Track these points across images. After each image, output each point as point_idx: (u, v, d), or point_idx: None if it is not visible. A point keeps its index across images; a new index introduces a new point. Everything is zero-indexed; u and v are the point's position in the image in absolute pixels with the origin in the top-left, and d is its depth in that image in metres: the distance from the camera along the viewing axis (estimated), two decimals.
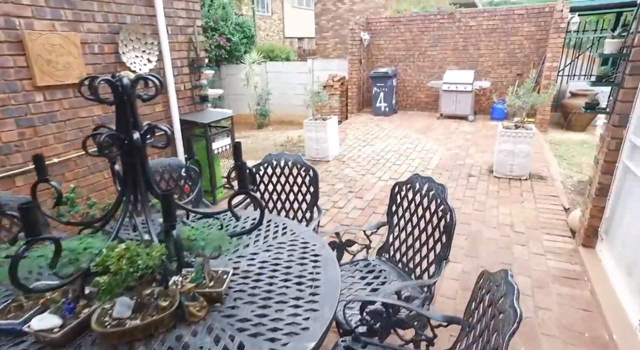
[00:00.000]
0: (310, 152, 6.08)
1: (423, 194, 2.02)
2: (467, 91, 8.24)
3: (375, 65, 9.91)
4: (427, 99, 9.59)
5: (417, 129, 7.92)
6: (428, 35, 9.11)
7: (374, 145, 6.77)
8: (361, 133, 7.72)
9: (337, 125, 6.23)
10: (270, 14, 20.51)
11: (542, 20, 7.94)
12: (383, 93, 9.09)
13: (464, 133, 7.44)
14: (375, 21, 9.59)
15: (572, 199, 4.47)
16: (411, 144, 6.80)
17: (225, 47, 11.18)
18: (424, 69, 9.41)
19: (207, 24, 10.90)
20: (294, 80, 11.19)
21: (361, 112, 9.87)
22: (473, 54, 8.79)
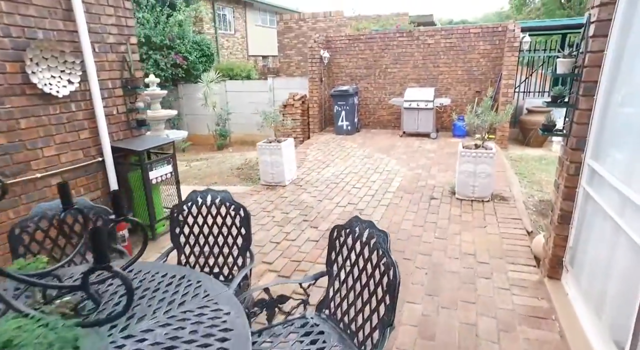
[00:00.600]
0: (265, 177, 5.70)
1: (364, 241, 1.69)
2: (428, 108, 8.18)
3: (336, 83, 9.76)
4: (390, 116, 9.49)
5: (379, 147, 7.73)
6: (388, 53, 9.07)
7: (334, 167, 6.48)
8: (322, 154, 7.44)
9: (294, 148, 5.90)
10: (233, 32, 20.28)
11: (496, 39, 8.06)
12: (345, 111, 8.90)
13: (426, 151, 7.30)
14: (335, 39, 9.49)
15: (534, 221, 4.31)
16: (373, 164, 6.56)
17: (182, 65, 10.74)
18: (385, 86, 9.34)
19: (163, 42, 10.48)
20: (255, 99, 10.87)
21: (323, 131, 9.63)
22: (433, 72, 8.79)
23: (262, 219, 4.48)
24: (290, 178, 5.76)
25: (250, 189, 5.63)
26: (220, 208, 2.33)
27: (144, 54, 10.23)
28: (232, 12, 20.05)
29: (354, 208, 4.66)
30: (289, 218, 4.47)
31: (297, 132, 9.72)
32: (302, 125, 9.68)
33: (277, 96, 10.53)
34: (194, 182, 6.64)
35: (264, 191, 5.48)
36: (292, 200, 5.04)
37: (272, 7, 22.35)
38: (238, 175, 6.87)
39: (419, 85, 8.96)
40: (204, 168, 7.81)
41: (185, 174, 7.41)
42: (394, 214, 4.43)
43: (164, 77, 10.45)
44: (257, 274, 3.28)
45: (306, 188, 5.50)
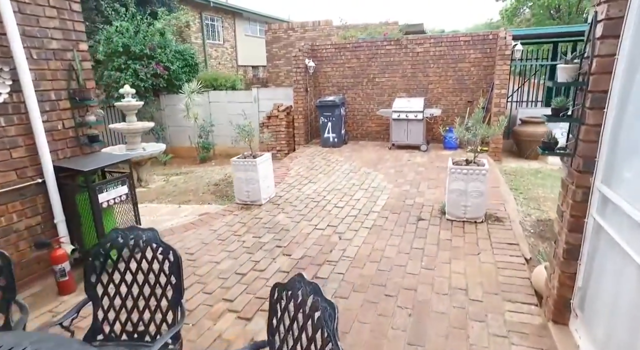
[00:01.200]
0: (240, 195, 5.23)
1: (307, 312, 1.23)
2: (417, 119, 7.80)
3: (322, 93, 9.38)
4: (378, 128, 9.10)
5: (366, 161, 7.31)
6: (376, 61, 8.72)
7: (317, 183, 6.03)
8: (305, 168, 6.99)
9: (272, 163, 5.45)
10: (222, 42, 19.96)
11: (487, 47, 7.74)
12: (331, 123, 8.49)
13: (416, 165, 6.88)
14: (321, 47, 9.13)
15: (532, 245, 3.87)
16: (358, 179, 6.13)
17: (163, 75, 10.32)
18: (373, 96, 8.97)
19: (143, 52, 10.06)
20: (239, 111, 10.43)
21: (309, 144, 9.20)
22: (422, 81, 8.44)
23: (231, 245, 4.01)
24: (267, 196, 5.30)
25: (223, 209, 5.15)
26: (145, 251, 1.85)
27: (122, 64, 9.81)
28: (221, 22, 19.76)
29: (334, 231, 4.20)
30: (261, 243, 4.00)
31: (282, 144, 9.29)
32: (287, 137, 9.25)
33: (262, 107, 10.12)
34: (167, 200, 6.16)
35: (238, 211, 5.01)
36: (266, 222, 4.57)
37: (262, 17, 22.12)
38: (214, 192, 6.39)
39: (408, 95, 8.60)
40: (181, 184, 7.32)
41: (160, 191, 6.92)
42: (377, 238, 3.97)
43: (143, 87, 10.02)
44: (214, 315, 2.80)
45: (284, 207, 5.03)
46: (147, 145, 8.48)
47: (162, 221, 5.02)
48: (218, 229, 4.47)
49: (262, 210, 4.96)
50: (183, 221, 4.89)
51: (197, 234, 4.38)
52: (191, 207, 5.54)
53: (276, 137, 9.28)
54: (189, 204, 5.83)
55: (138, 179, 8.07)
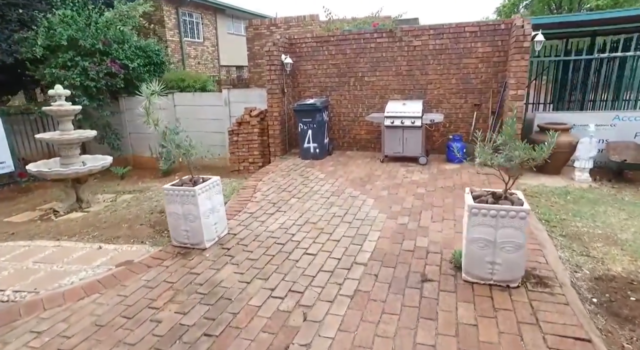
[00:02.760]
0: (177, 235, 3.81)
1: None
2: (415, 126, 6.43)
3: (302, 95, 7.98)
4: (369, 136, 7.73)
5: (353, 178, 5.91)
6: (365, 57, 7.35)
7: (287, 212, 4.62)
8: (276, 189, 5.58)
9: (220, 190, 4.02)
10: (202, 40, 18.51)
11: (498, 39, 6.40)
12: (312, 130, 7.10)
13: (414, 185, 5.50)
14: (300, 41, 7.74)
15: (605, 332, 2.49)
16: (341, 207, 4.73)
17: (119, 74, 8.84)
18: (362, 99, 7.60)
19: (95, 47, 8.58)
20: (211, 115, 9.03)
21: (287, 155, 7.79)
22: (420, 80, 7.08)
23: (137, 329, 2.59)
24: (214, 236, 3.87)
25: (152, 255, 3.72)
26: None
27: (68, 60, 8.33)
28: (201, 19, 18.31)
29: (297, 303, 2.79)
30: (181, 328, 2.58)
31: (255, 155, 7.88)
32: (260, 147, 7.84)
33: (235, 111, 8.70)
34: (92, 235, 4.70)
35: (171, 260, 3.58)
36: (203, 282, 3.15)
37: (246, 13, 20.69)
38: (156, 223, 4.94)
39: (403, 97, 7.24)
40: (121, 209, 5.86)
41: (91, 220, 5.47)
42: (360, 318, 2.57)
43: (95, 88, 8.54)
44: None
45: (234, 254, 3.61)
46: (89, 159, 7.01)
47: (63, 275, 3.57)
48: (131, 295, 3.04)
49: (203, 259, 3.54)
50: (90, 277, 3.45)
51: (96, 304, 2.95)
52: (114, 249, 4.10)
53: (248, 147, 7.87)
54: (116, 242, 4.39)
55: (77, 200, 6.61)
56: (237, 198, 5.30)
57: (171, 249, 3.82)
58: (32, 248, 4.39)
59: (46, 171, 6.07)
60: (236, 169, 8.12)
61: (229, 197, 5.70)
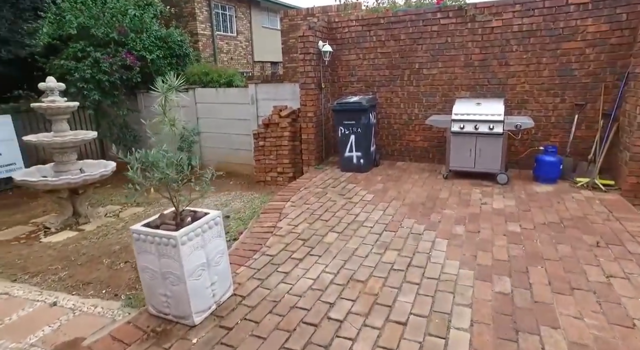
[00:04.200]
0: (154, 301, 2.50)
1: None
2: (493, 133, 4.83)
3: (343, 92, 6.54)
4: (426, 143, 6.17)
5: (411, 203, 4.40)
6: (424, 44, 5.80)
7: (323, 258, 3.20)
8: (308, 215, 4.17)
9: (221, 232, 2.65)
10: (235, 34, 17.51)
11: (622, 12, 4.63)
12: (355, 136, 5.64)
13: (499, 216, 3.92)
14: (342, 24, 6.29)
15: None
16: (401, 252, 3.25)
17: (135, 67, 7.79)
18: (418, 96, 6.04)
19: (109, 36, 7.58)
20: (236, 114, 7.79)
21: (324, 165, 6.38)
22: (498, 73, 5.44)
23: None
24: (209, 304, 2.52)
25: (112, 334, 2.42)
26: None
27: (79, 51, 7.37)
28: (234, 12, 17.31)
29: None
30: None
31: (284, 164, 6.53)
32: (291, 155, 6.48)
33: (263, 109, 7.40)
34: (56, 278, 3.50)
35: (141, 342, 2.27)
36: None
37: (282, 6, 19.48)
38: None
39: (473, 95, 5.63)
40: (115, 232, 4.69)
41: (72, 247, 4.32)
42: None
43: (108, 82, 7.52)
44: None
45: (238, 342, 2.24)
46: (91, 164, 5.95)
47: None
48: None
49: (188, 347, 2.20)
50: None
51: None
52: (72, 308, 2.86)
53: (276, 154, 6.54)
54: (83, 292, 3.17)
55: (74, 214, 5.55)
56: (255, 228, 3.95)
57: (145, 320, 2.50)
58: None
59: (32, 181, 5.01)
60: (262, 180, 6.82)
61: (247, 223, 4.37)
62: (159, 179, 2.30)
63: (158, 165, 2.27)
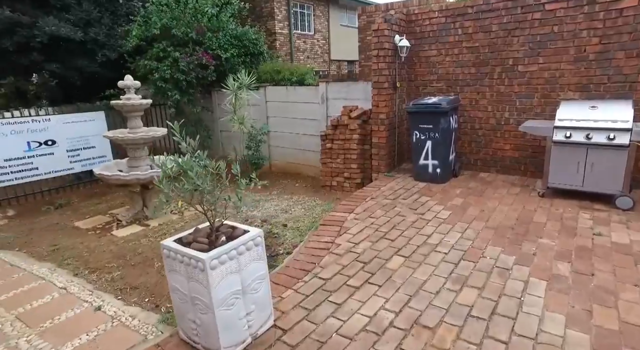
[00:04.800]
0: (184, 326, 2.21)
1: None
2: (614, 145, 3.83)
3: (420, 92, 5.86)
4: (517, 153, 5.24)
5: (497, 226, 3.64)
6: (522, 35, 4.90)
7: (383, 289, 2.67)
8: (372, 232, 3.64)
9: (262, 254, 2.26)
10: (313, 33, 17.45)
11: None
12: (432, 141, 4.97)
13: (620, 254, 3.01)
14: (422, 16, 5.62)
15: None
16: (482, 292, 2.59)
17: (209, 65, 7.92)
18: (510, 97, 5.15)
19: (188, 36, 7.80)
20: (305, 114, 7.53)
21: (395, 172, 5.77)
22: (623, 68, 4.36)
23: None
24: (243, 337, 2.15)
25: None
26: None
27: (161, 51, 7.68)
28: (312, 10, 17.24)
29: None
30: None
31: (352, 170, 6.05)
32: (360, 159, 5.98)
33: (333, 109, 7.01)
34: (108, 279, 3.46)
35: None
36: None
37: (361, 3, 18.97)
38: None
39: (585, 96, 4.60)
40: (173, 232, 4.65)
41: (132, 245, 4.34)
42: None
43: (185, 81, 7.73)
44: None
45: None
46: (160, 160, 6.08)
47: None
48: None
49: None
50: None
51: None
52: (112, 317, 2.73)
53: (344, 157, 6.09)
54: (128, 298, 3.05)
55: (143, 207, 5.72)
56: (311, 242, 3.55)
57: (174, 346, 2.23)
58: (38, 288, 3.31)
59: (106, 175, 5.22)
60: (327, 185, 6.43)
61: (304, 234, 4.00)
62: (188, 190, 1.98)
63: (188, 175, 1.95)
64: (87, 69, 8.95)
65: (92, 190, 7.63)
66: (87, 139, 7.72)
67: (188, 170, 1.95)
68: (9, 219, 6.18)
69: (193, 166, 1.98)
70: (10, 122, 6.92)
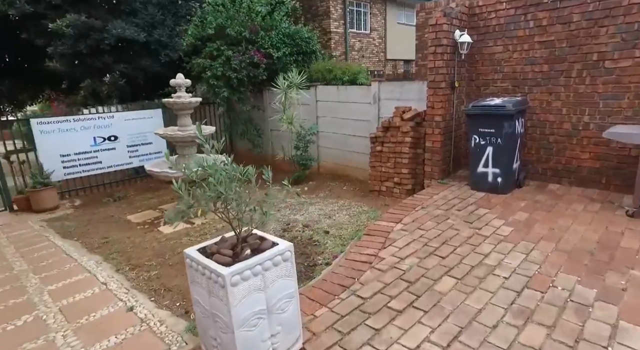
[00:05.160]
0: (206, 341, 2.05)
1: None
2: None
3: (483, 93, 5.32)
4: (599, 162, 4.53)
5: (569, 248, 3.11)
6: (612, 25, 4.22)
7: (429, 317, 2.32)
8: (420, 247, 3.27)
9: (292, 270, 2.03)
10: (369, 31, 17.04)
11: None
12: (493, 147, 4.45)
13: None
14: (486, 9, 5.08)
15: None
16: (552, 333, 2.14)
17: (260, 64, 7.90)
18: (592, 99, 4.46)
19: (241, 35, 7.86)
20: (356, 115, 7.24)
21: (451, 178, 5.30)
22: None
23: None
24: None
25: None
26: None
27: (215, 50, 7.80)
28: (369, 8, 16.84)
29: None
30: None
31: (403, 175, 5.67)
32: (412, 164, 5.58)
33: (386, 110, 6.66)
34: (145, 277, 3.45)
35: None
36: None
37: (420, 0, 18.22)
38: None
39: None
40: (213, 231, 4.60)
41: (173, 243, 4.36)
42: None
43: (235, 79, 7.78)
44: None
45: None
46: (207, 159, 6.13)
47: None
48: None
49: None
50: None
51: None
52: (143, 319, 2.67)
53: (394, 161, 5.72)
54: (161, 300, 2.98)
55: None
56: (352, 253, 3.27)
57: None
58: (83, 281, 3.38)
59: (155, 171, 5.33)
60: (376, 189, 6.09)
61: (346, 244, 3.74)
62: (211, 197, 1.80)
63: (209, 182, 1.77)
64: (151, 68, 9.39)
65: (147, 184, 7.94)
66: (145, 136, 8.07)
67: (210, 176, 1.77)
68: (75, 208, 6.59)
69: (217, 171, 1.80)
70: (81, 118, 7.42)
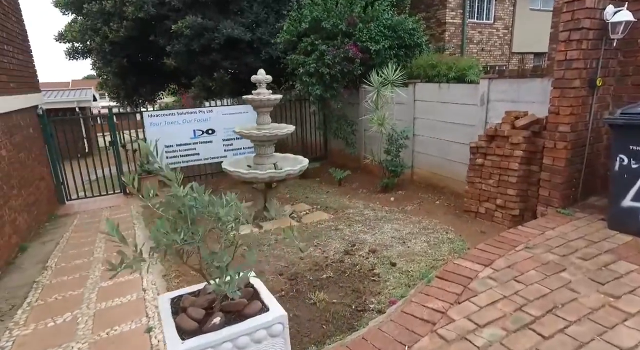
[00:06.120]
0: None
1: None
2: None
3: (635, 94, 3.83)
4: None
5: None
6: None
7: None
8: (506, 312, 2.31)
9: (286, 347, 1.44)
10: (492, 21, 14.99)
11: None
12: None
13: None
14: None
15: None
16: None
17: (355, 59, 7.30)
18: None
19: (338, 28, 7.40)
20: (457, 118, 6.19)
21: (577, 208, 3.96)
22: None
23: None
24: None
25: None
26: None
27: (309, 45, 7.48)
28: None
29: None
30: None
31: (509, 196, 4.51)
32: (522, 183, 4.38)
33: (495, 114, 5.46)
34: None
35: None
36: None
37: None
38: None
39: None
40: (267, 247, 4.20)
41: None
42: None
43: (328, 75, 7.33)
44: None
45: None
46: (287, 159, 5.82)
47: None
48: None
49: None
50: None
51: None
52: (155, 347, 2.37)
53: (498, 178, 4.59)
54: None
55: (264, 208, 5.59)
56: (412, 304, 2.50)
57: None
58: (127, 283, 3.31)
59: (230, 170, 5.21)
60: (472, 210, 5.02)
61: (413, 284, 2.96)
62: (168, 243, 1.30)
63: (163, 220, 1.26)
64: (253, 65, 9.61)
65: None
66: None
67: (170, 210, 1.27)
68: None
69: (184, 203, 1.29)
70: (183, 112, 7.88)
